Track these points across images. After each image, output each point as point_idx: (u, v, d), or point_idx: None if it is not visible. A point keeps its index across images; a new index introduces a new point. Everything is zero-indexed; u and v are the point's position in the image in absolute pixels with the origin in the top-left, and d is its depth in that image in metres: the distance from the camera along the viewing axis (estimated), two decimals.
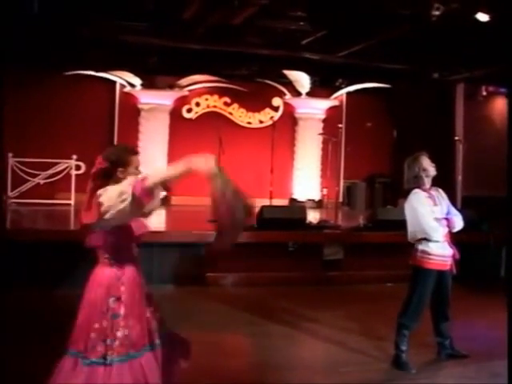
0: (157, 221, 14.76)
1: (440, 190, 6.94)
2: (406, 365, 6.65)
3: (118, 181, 4.38)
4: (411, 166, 6.85)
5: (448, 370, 6.76)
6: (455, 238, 6.89)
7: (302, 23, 13.38)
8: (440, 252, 6.68)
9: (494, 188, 16.48)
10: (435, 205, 6.73)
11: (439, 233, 6.66)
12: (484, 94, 17.56)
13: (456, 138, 15.09)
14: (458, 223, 6.84)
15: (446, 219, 6.78)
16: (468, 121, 17.00)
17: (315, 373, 6.49)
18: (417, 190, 6.76)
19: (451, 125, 16.66)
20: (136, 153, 4.62)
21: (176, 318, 8.46)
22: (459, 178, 14.31)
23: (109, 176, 4.45)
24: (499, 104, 18.07)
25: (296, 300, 9.69)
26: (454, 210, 6.93)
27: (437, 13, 11.07)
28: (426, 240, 6.65)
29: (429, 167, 6.81)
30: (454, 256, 6.78)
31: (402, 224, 6.93)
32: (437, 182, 6.93)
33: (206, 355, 6.96)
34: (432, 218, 6.65)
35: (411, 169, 6.84)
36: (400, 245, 7.31)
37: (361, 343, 7.49)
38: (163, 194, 4.99)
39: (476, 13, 11.34)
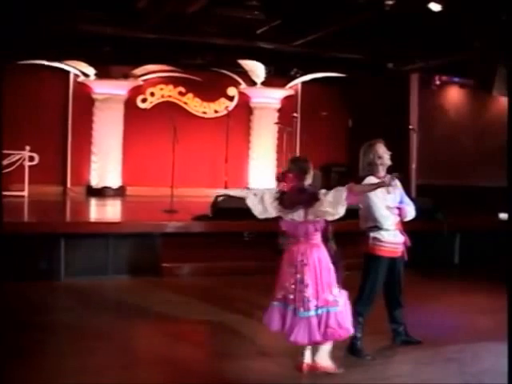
0: (112, 211, 14.71)
1: (394, 177, 6.97)
2: (360, 352, 6.70)
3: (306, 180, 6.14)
4: (366, 152, 6.86)
5: (402, 355, 6.83)
6: (410, 226, 6.94)
7: (256, 12, 13.37)
8: (391, 239, 6.72)
9: (447, 176, 16.70)
10: (388, 193, 6.76)
11: (390, 221, 6.70)
12: (437, 83, 17.74)
13: (410, 127, 15.20)
14: (410, 213, 6.89)
15: (398, 208, 6.82)
16: (422, 110, 17.16)
17: (272, 361, 6.51)
18: (371, 178, 6.77)
19: (406, 114, 16.79)
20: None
21: (132, 309, 8.46)
22: (413, 166, 14.43)
23: (303, 189, 6.08)
24: (452, 93, 18.27)
25: (252, 289, 9.70)
26: (407, 199, 6.96)
27: (390, 2, 11.15)
28: (378, 228, 6.68)
29: (384, 154, 6.82)
30: (405, 243, 6.83)
31: (357, 212, 6.97)
32: (391, 171, 6.96)
33: (164, 346, 6.96)
34: (384, 207, 6.69)
35: (366, 155, 6.85)
36: (355, 233, 7.34)
37: None
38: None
39: (429, 2, 11.44)
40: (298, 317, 6.01)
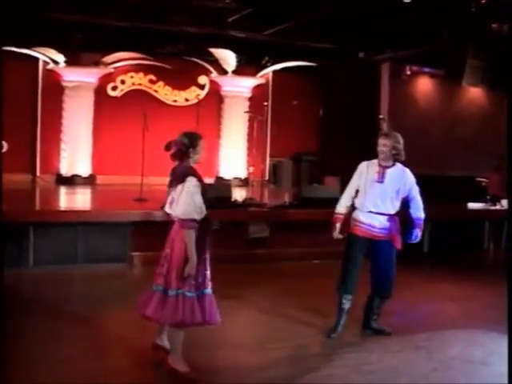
0: (82, 200, 14.61)
1: (406, 171, 7.17)
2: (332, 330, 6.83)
3: (190, 157, 5.79)
4: None
5: (372, 344, 6.85)
6: None
7: (227, 1, 13.33)
8: (367, 221, 6.73)
9: (417, 166, 16.74)
10: (378, 181, 6.79)
11: (366, 204, 6.73)
12: (408, 73, 17.81)
13: (380, 116, 15.26)
14: (415, 236, 6.99)
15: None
16: (392, 100, 17.23)
17: (242, 350, 6.51)
18: (363, 163, 6.97)
19: (376, 103, 16.85)
20: (201, 137, 5.97)
21: (101, 299, 8.41)
22: None
23: (185, 155, 5.77)
24: (422, 83, 18.35)
25: (222, 278, 9.60)
26: (414, 197, 7.15)
27: None
28: (355, 207, 6.77)
29: (379, 146, 6.88)
30: (390, 229, 6.81)
31: (326, 202, 6.99)
32: (362, 160, 7.00)
33: (134, 335, 6.92)
34: (349, 192, 6.80)
35: None
36: (325, 222, 7.35)
37: (286, 320, 7.53)
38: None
39: None
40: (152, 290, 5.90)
